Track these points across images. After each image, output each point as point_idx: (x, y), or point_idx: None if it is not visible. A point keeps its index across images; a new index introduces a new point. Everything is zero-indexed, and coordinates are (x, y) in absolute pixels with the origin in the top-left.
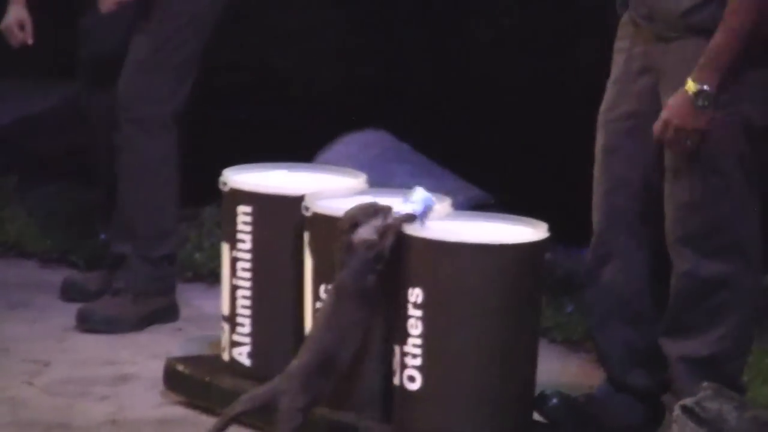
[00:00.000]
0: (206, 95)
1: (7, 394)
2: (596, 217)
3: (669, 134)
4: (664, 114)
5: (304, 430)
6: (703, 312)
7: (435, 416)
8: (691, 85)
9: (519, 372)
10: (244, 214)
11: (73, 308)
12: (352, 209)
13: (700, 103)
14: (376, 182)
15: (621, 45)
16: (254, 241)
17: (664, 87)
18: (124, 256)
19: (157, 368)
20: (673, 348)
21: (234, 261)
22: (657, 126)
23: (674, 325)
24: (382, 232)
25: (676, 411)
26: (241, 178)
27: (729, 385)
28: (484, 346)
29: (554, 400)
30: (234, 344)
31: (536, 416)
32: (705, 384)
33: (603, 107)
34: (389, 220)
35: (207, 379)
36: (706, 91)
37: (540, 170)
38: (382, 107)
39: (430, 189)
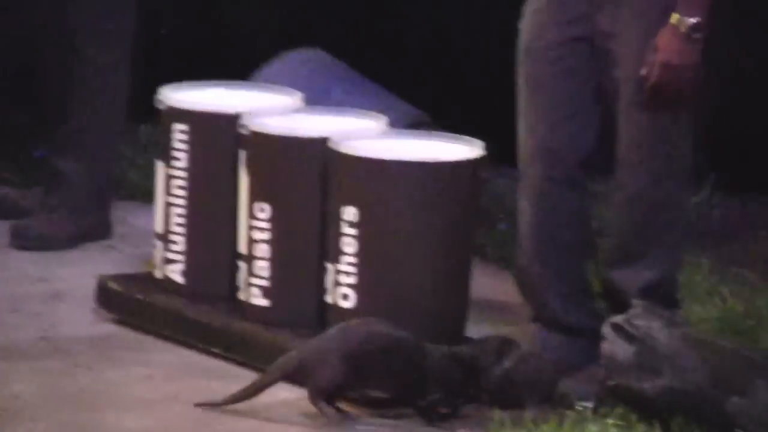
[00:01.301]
0: (143, 14)
1: None
2: (527, 150)
3: (668, 76)
4: (658, 57)
5: None
6: (652, 234)
7: None
8: (680, 21)
9: (452, 289)
10: (179, 132)
11: (6, 225)
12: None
13: (697, 35)
14: (312, 100)
15: None
16: (189, 159)
17: (607, 13)
18: (63, 172)
19: (89, 286)
20: (630, 279)
21: (169, 179)
22: (650, 71)
23: (625, 254)
24: None
25: (606, 328)
26: (177, 96)
27: (670, 303)
28: (418, 264)
29: None
30: (167, 262)
31: (470, 332)
32: (635, 302)
33: (526, 37)
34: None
35: (139, 296)
36: (699, 22)
37: (477, 89)
38: (319, 25)
39: (366, 107)
